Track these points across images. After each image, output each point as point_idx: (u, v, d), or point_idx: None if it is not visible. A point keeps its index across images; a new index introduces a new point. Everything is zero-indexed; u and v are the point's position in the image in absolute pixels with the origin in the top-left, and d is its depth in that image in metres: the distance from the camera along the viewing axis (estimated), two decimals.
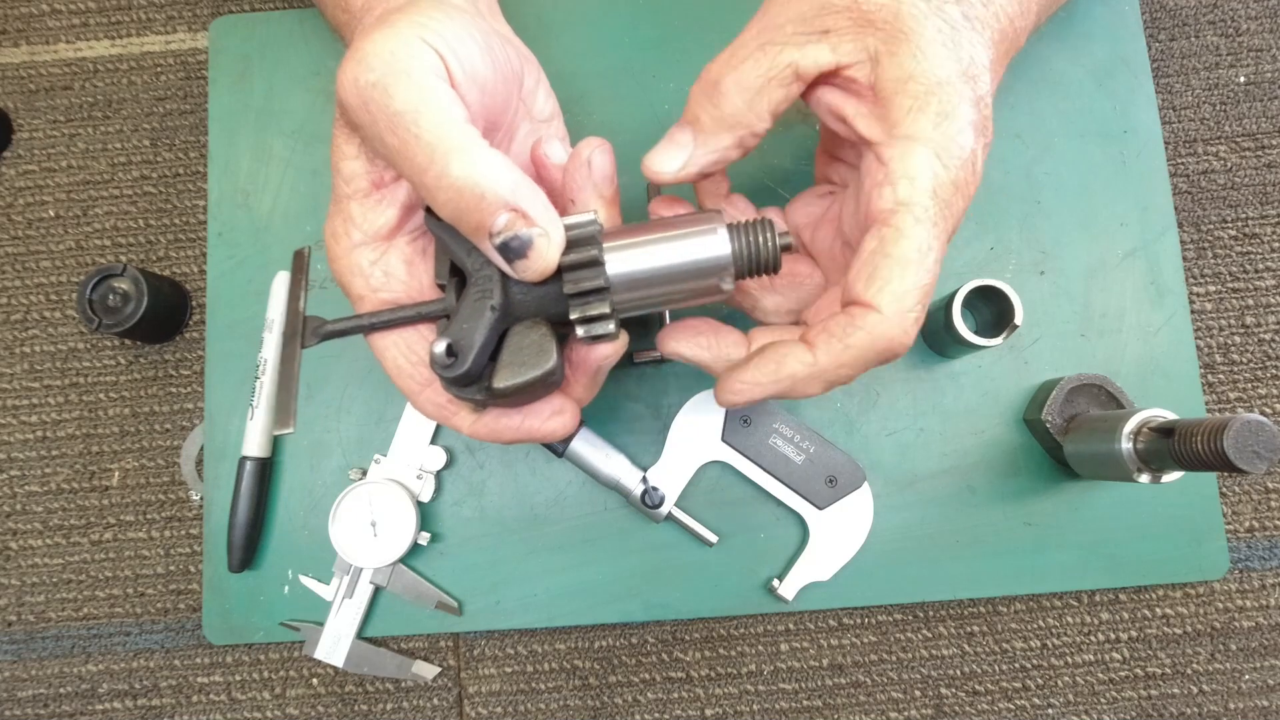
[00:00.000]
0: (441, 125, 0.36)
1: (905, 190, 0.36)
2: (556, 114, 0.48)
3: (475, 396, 0.39)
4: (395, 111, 0.36)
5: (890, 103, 0.37)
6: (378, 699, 0.57)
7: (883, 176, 0.37)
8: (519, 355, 0.38)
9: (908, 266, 0.36)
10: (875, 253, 0.37)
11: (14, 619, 0.59)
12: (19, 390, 0.61)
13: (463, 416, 0.41)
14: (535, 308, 0.39)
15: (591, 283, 0.37)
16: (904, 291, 0.36)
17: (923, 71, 0.37)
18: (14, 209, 0.63)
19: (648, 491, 0.53)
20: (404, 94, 0.36)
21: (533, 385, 0.38)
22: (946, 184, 0.37)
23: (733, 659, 0.57)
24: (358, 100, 0.36)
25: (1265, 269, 0.60)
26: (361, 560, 0.55)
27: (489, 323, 0.37)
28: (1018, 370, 0.57)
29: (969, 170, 0.37)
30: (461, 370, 0.37)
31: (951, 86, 0.37)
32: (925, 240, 0.36)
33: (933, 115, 0.37)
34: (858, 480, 0.54)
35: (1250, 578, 0.58)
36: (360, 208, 0.40)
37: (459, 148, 0.35)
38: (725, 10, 0.61)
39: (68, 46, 0.65)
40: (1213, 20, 0.63)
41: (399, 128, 0.36)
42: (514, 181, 0.36)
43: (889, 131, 0.37)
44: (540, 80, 0.47)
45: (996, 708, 0.57)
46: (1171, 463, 0.45)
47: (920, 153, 0.36)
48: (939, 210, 0.37)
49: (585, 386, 0.42)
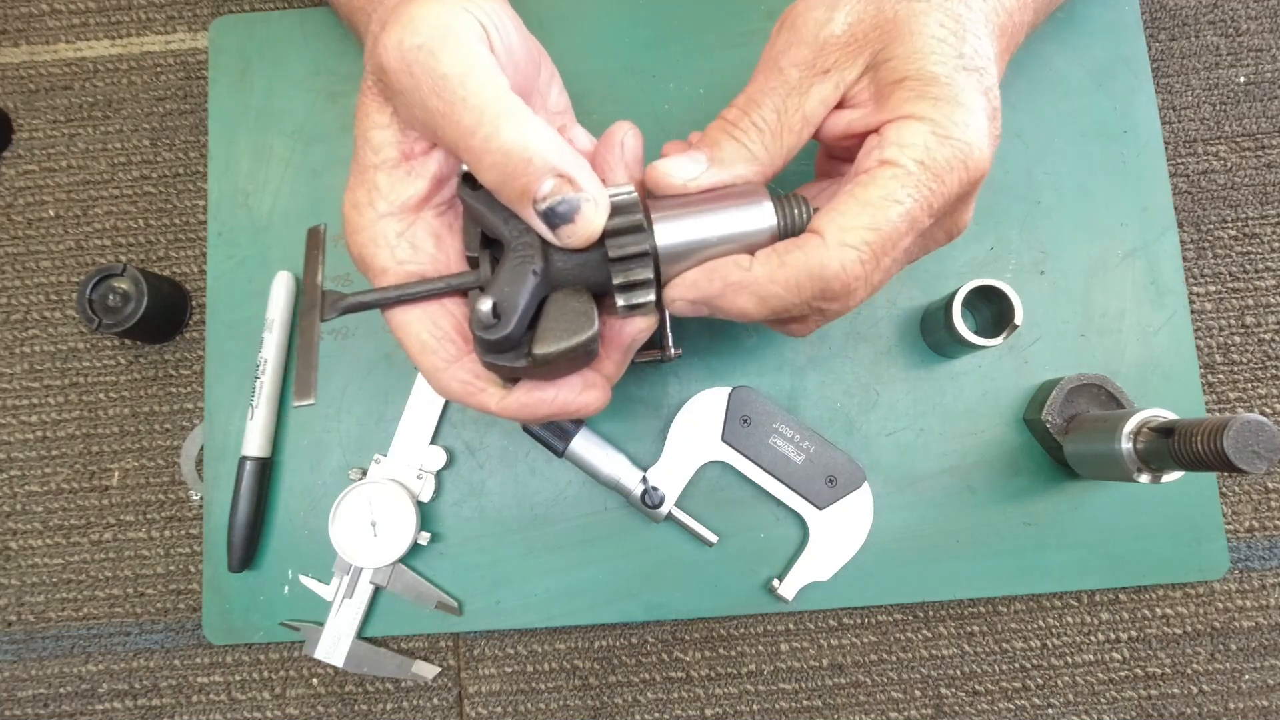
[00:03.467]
0: (489, 89, 0.36)
1: (892, 152, 0.37)
2: (568, 109, 0.48)
3: (514, 364, 0.37)
4: (442, 74, 0.35)
5: (889, 99, 0.38)
6: (378, 699, 0.57)
7: (875, 143, 0.38)
8: (560, 321, 0.37)
9: (865, 206, 0.36)
10: (843, 194, 0.37)
11: (14, 619, 0.59)
12: (19, 390, 0.61)
13: (491, 393, 0.40)
14: (576, 275, 0.38)
15: (636, 247, 0.37)
16: (851, 226, 0.36)
17: (919, 69, 0.37)
18: (14, 209, 0.63)
19: (648, 491, 0.53)
20: (451, 57, 0.35)
21: (574, 351, 0.37)
22: (940, 159, 0.37)
23: (733, 659, 0.57)
24: (400, 63, 0.36)
25: (1265, 269, 0.60)
26: (361, 560, 0.55)
27: (531, 286, 0.37)
28: (1018, 370, 0.57)
29: (974, 152, 0.37)
30: (505, 332, 0.36)
31: (951, 78, 0.37)
32: (895, 192, 0.36)
33: (931, 100, 0.37)
34: (858, 480, 0.54)
35: (1250, 578, 0.58)
36: (388, 178, 0.40)
37: (507, 111, 0.35)
38: (725, 10, 0.61)
39: (68, 46, 0.65)
40: (1213, 20, 0.63)
41: (445, 90, 0.35)
42: (560, 148, 0.36)
43: (888, 115, 0.38)
44: (554, 75, 0.47)
45: (996, 708, 0.57)
46: (1171, 463, 0.45)
47: (915, 126, 0.37)
48: (925, 177, 0.37)
49: (616, 363, 0.42)
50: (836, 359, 0.57)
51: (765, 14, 0.61)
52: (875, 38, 0.38)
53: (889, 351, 0.57)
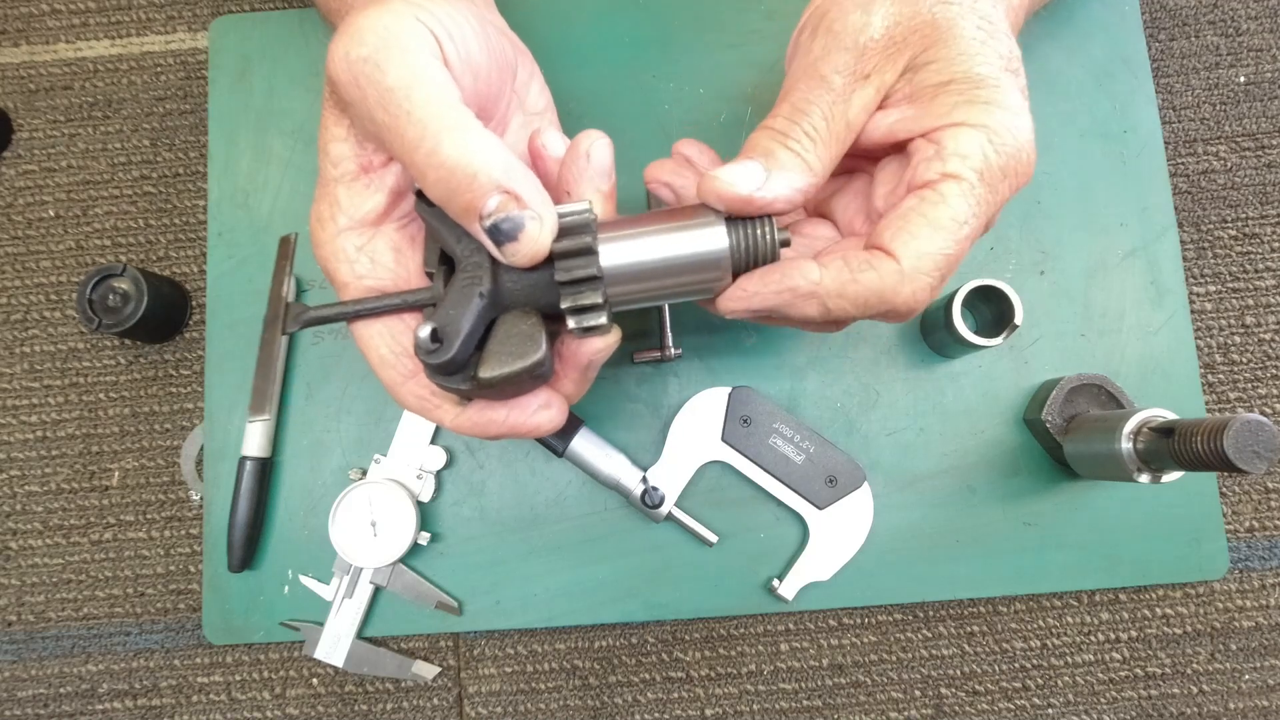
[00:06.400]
0: (434, 102, 0.35)
1: (955, 165, 0.37)
2: (550, 107, 0.48)
3: (460, 386, 0.37)
4: (387, 87, 0.35)
5: (933, 102, 0.38)
6: (378, 699, 0.57)
7: (933, 153, 0.37)
8: (506, 345, 0.37)
9: (939, 230, 0.36)
10: (913, 210, 0.37)
11: (14, 619, 0.59)
12: (19, 390, 0.61)
13: (446, 409, 0.40)
14: (525, 297, 0.38)
15: (584, 270, 0.36)
16: (927, 252, 0.36)
17: (964, 71, 0.37)
18: (14, 209, 0.63)
19: (648, 491, 0.53)
20: (397, 69, 0.35)
21: (519, 376, 0.37)
22: (995, 168, 0.37)
23: (733, 659, 0.57)
24: (348, 75, 0.36)
25: (1265, 269, 0.60)
26: (361, 560, 0.55)
27: (477, 310, 0.36)
28: (1018, 370, 0.57)
29: (1020, 159, 0.37)
30: (446, 357, 0.35)
31: (998, 80, 0.37)
32: (963, 212, 0.36)
33: (982, 105, 0.37)
34: (858, 480, 0.54)
35: (1250, 578, 0.58)
36: (347, 192, 0.39)
37: (452, 126, 0.35)
38: (725, 10, 0.61)
39: (68, 46, 0.65)
40: (1213, 20, 0.63)
41: (390, 103, 0.35)
42: (507, 163, 0.35)
43: (939, 120, 0.37)
44: (534, 73, 0.47)
45: (996, 708, 0.57)
46: (1171, 463, 0.45)
47: (973, 135, 0.37)
48: (984, 190, 0.37)
49: (575, 382, 0.41)
50: (836, 359, 0.57)
51: (765, 14, 0.61)
52: (914, 40, 0.38)
53: (889, 351, 0.57)
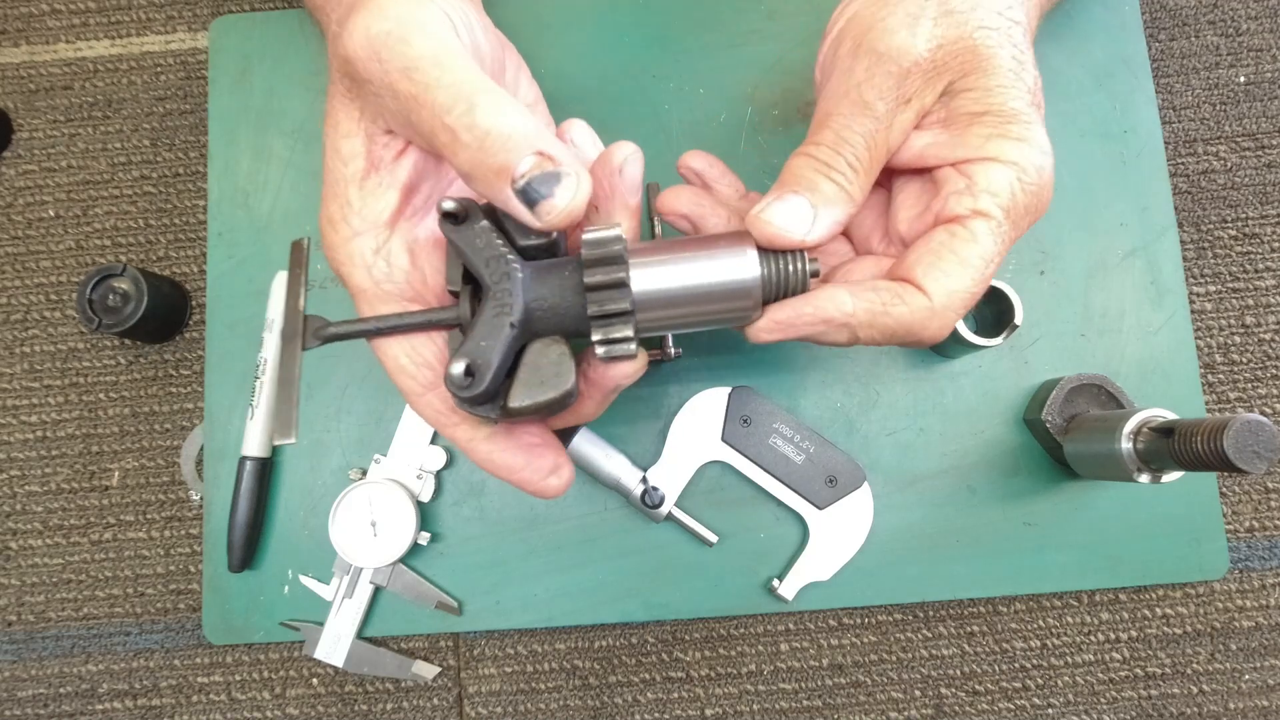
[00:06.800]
0: (464, 69, 0.35)
1: (986, 202, 0.37)
2: (540, 100, 0.48)
3: (489, 415, 0.37)
4: (414, 56, 0.35)
5: (967, 131, 0.38)
6: (378, 699, 0.57)
7: (963, 186, 0.38)
8: (536, 374, 0.36)
9: (969, 268, 0.37)
10: (944, 245, 0.37)
11: (14, 619, 0.59)
12: (19, 390, 0.61)
13: (462, 429, 0.39)
14: (555, 325, 0.37)
15: (616, 305, 0.36)
16: (957, 290, 0.37)
17: (999, 104, 0.38)
18: (14, 209, 0.63)
19: (648, 491, 0.53)
20: (421, 40, 0.35)
21: (550, 405, 0.37)
22: (1020, 206, 0.38)
23: (733, 659, 0.57)
24: (368, 50, 0.35)
25: (1265, 269, 0.60)
26: (361, 560, 0.55)
27: (507, 340, 0.36)
28: (1018, 370, 0.57)
29: (1042, 196, 0.38)
30: (479, 390, 0.35)
31: (1029, 115, 0.38)
32: (991, 251, 0.37)
33: (1013, 141, 0.37)
34: (858, 480, 0.54)
35: (1250, 578, 0.58)
36: (359, 192, 0.39)
37: (485, 89, 0.35)
38: (725, 10, 0.61)
39: (68, 46, 0.65)
40: (1213, 20, 0.63)
41: (418, 72, 0.35)
42: (539, 127, 0.35)
43: (972, 152, 0.38)
44: (521, 67, 0.47)
45: (996, 708, 0.57)
46: (1171, 463, 0.45)
47: (1003, 171, 0.37)
48: (1008, 228, 0.38)
49: (598, 403, 0.41)
50: (836, 359, 0.57)
51: (765, 14, 0.61)
52: (955, 65, 0.38)
53: (889, 351, 0.57)
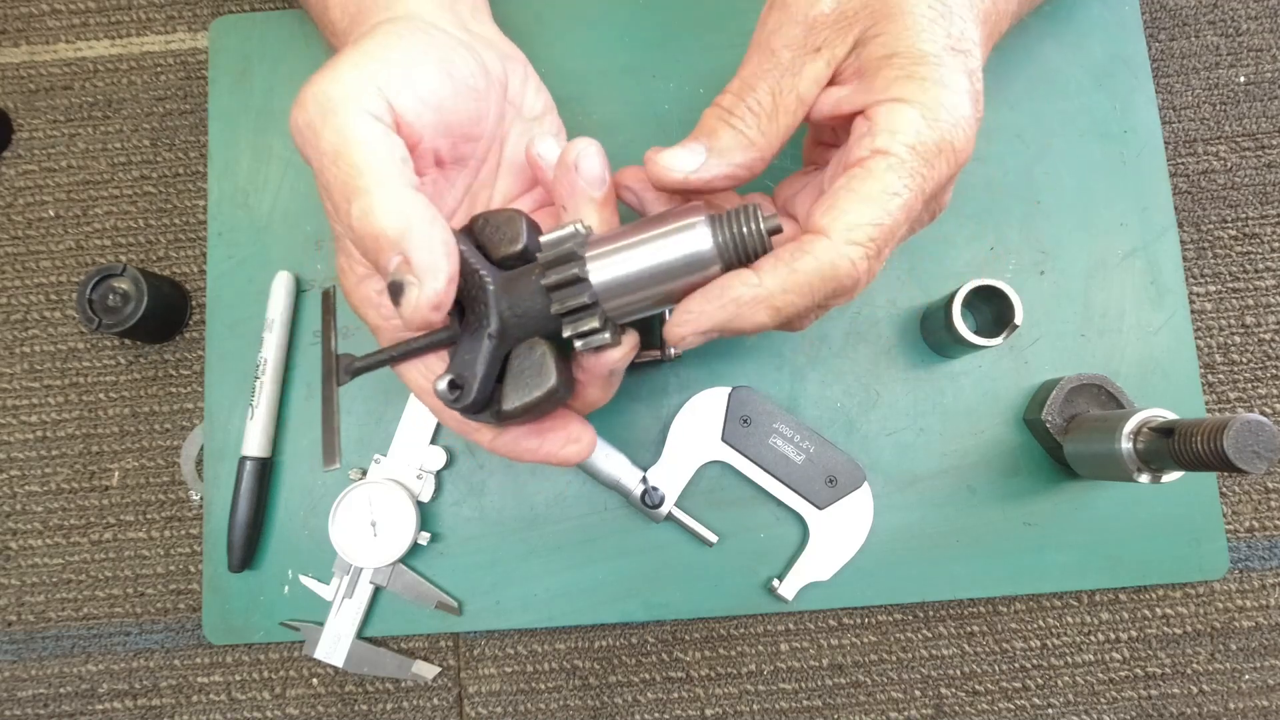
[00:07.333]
0: (356, 165, 0.36)
1: (884, 140, 0.37)
2: (550, 108, 0.48)
3: (488, 421, 0.40)
4: (320, 151, 0.36)
5: (876, 76, 0.38)
6: (378, 699, 0.57)
7: (865, 129, 0.38)
8: (521, 377, 0.39)
9: (867, 201, 0.37)
10: (841, 188, 0.37)
11: (14, 619, 0.59)
12: (19, 390, 0.61)
13: (483, 432, 0.42)
14: (532, 329, 0.39)
15: (576, 300, 0.37)
16: (856, 223, 0.36)
17: (908, 46, 0.38)
18: (14, 209, 0.63)
19: (648, 491, 0.53)
20: (329, 134, 0.36)
21: (538, 405, 0.38)
22: (930, 143, 0.37)
23: (733, 659, 0.57)
24: (299, 141, 0.38)
25: (1265, 269, 0.60)
26: (361, 560, 0.55)
27: (488, 351, 0.38)
28: (1018, 370, 0.57)
29: (959, 135, 0.38)
30: (467, 402, 0.38)
31: (940, 58, 0.38)
32: (893, 184, 0.37)
33: (920, 81, 0.37)
34: (858, 480, 0.54)
35: (1250, 578, 0.58)
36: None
37: (364, 189, 0.36)
38: (725, 10, 0.61)
39: (68, 46, 0.65)
40: (1213, 20, 0.63)
41: (323, 168, 0.37)
42: (406, 225, 0.35)
43: (876, 96, 0.38)
44: (529, 77, 0.47)
45: (996, 708, 0.57)
46: (1171, 463, 0.45)
47: (905, 111, 0.37)
48: (917, 164, 0.37)
49: (600, 389, 0.42)
50: (836, 359, 0.57)
51: None
52: (865, 15, 0.39)
53: (889, 351, 0.57)
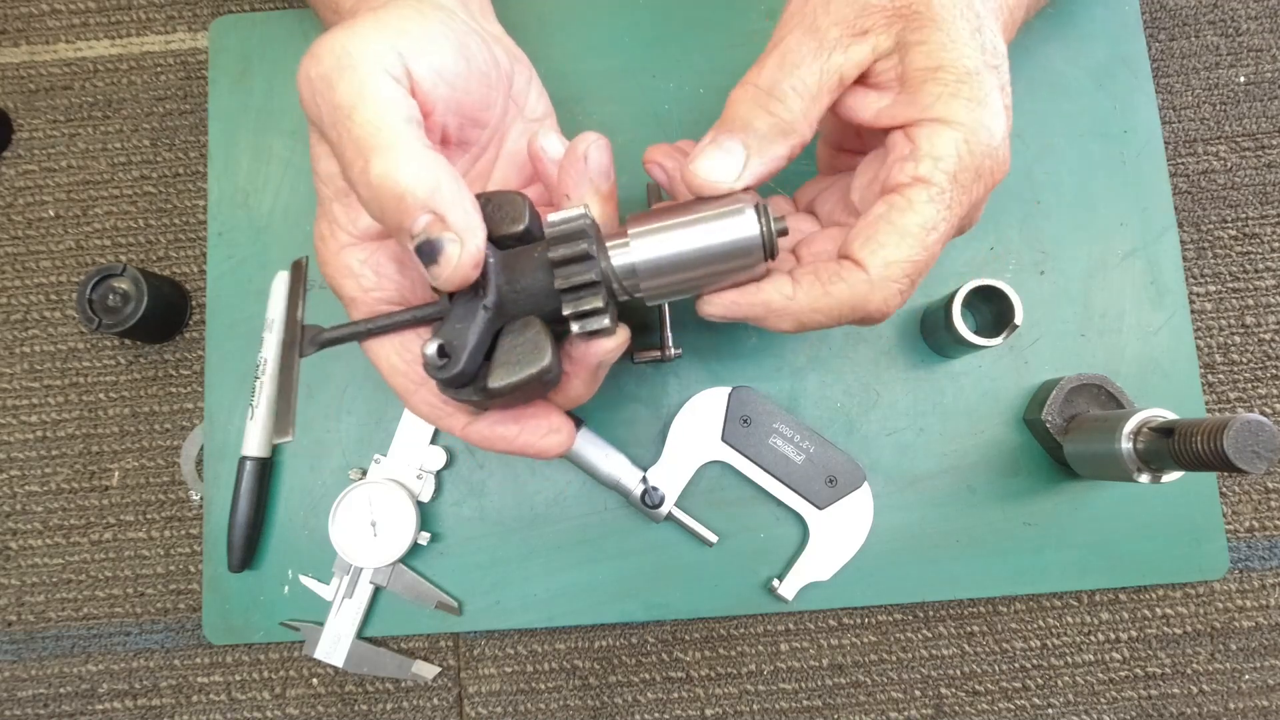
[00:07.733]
0: (374, 121, 0.35)
1: (927, 168, 0.37)
2: (549, 113, 0.48)
3: (471, 398, 0.38)
4: (335, 104, 0.35)
5: (920, 89, 0.37)
6: (378, 699, 0.57)
7: (908, 152, 0.37)
8: (513, 354, 0.37)
9: (906, 237, 0.36)
10: (880, 217, 0.37)
11: (14, 619, 0.59)
12: (19, 390, 0.61)
13: (457, 418, 0.40)
14: (530, 305, 0.38)
15: (582, 276, 0.36)
16: (894, 260, 0.37)
17: (953, 60, 0.37)
18: (14, 209, 0.63)
19: (648, 491, 0.53)
20: (345, 87, 0.35)
21: (528, 384, 0.37)
22: (969, 169, 0.37)
23: (733, 659, 0.57)
24: (308, 93, 0.36)
25: (1265, 269, 0.60)
26: (361, 560, 0.55)
27: (482, 322, 0.37)
28: (1018, 370, 0.57)
29: (995, 158, 0.37)
30: (455, 371, 0.36)
31: (980, 75, 0.37)
32: (932, 218, 0.37)
33: (964, 101, 0.37)
34: (858, 480, 0.54)
35: (1250, 578, 0.58)
36: (342, 207, 0.39)
37: (386, 145, 0.34)
38: (725, 10, 0.61)
39: (68, 46, 0.65)
40: (1213, 20, 0.63)
41: (337, 121, 0.35)
42: (436, 183, 0.35)
43: (920, 113, 0.37)
44: (532, 80, 0.47)
45: (996, 708, 0.57)
46: (1171, 463, 0.45)
47: (949, 135, 0.37)
48: (955, 194, 0.37)
49: (585, 382, 0.41)
50: (836, 359, 0.57)
51: (765, 14, 0.61)
52: (910, 14, 0.38)
53: (889, 351, 0.57)
